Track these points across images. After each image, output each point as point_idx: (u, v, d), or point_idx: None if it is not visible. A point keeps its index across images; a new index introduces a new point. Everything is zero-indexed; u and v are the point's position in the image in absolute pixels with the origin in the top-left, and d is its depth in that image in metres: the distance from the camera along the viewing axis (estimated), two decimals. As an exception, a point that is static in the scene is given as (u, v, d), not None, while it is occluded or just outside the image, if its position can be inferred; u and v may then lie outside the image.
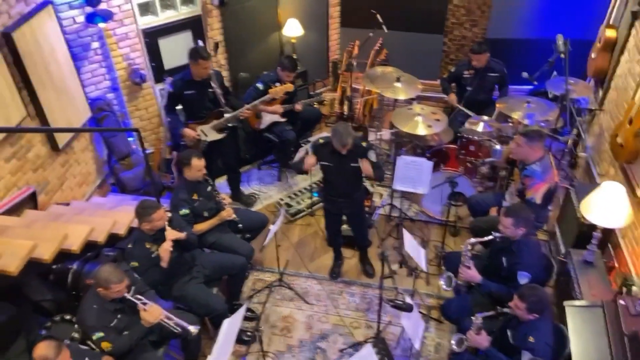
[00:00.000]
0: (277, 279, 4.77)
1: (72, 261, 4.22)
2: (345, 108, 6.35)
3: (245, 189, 5.79)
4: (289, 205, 5.51)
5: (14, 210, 4.10)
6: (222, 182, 5.63)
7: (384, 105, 6.12)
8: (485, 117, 4.94)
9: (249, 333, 4.30)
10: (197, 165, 4.18)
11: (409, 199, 5.31)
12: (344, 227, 4.81)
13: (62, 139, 4.67)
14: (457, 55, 6.29)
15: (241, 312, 3.53)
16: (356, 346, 4.21)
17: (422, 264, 3.89)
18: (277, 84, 5.16)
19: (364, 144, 4.04)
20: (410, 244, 3.89)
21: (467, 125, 4.97)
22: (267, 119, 5.48)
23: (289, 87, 5.11)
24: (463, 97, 5.44)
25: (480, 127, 4.86)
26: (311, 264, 4.98)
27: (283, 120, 5.52)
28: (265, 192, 5.83)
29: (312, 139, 5.83)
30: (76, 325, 3.93)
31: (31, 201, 4.35)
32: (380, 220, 5.34)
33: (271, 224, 4.46)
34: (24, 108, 4.18)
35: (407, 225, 5.13)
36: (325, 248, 5.11)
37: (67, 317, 3.97)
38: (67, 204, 4.72)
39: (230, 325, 3.49)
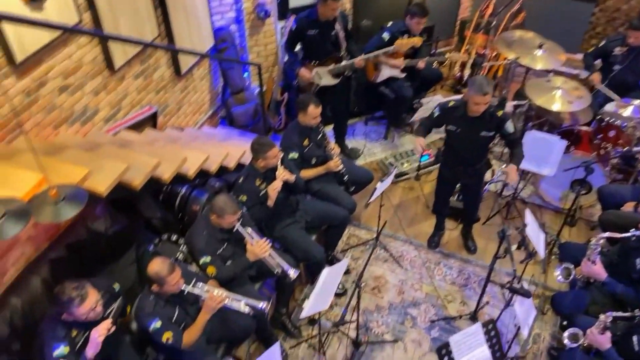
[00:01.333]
0: (373, 238, 4.66)
1: (181, 185, 4.33)
2: (467, 72, 5.93)
3: (349, 142, 5.64)
4: (392, 166, 5.31)
5: (136, 126, 4.22)
6: (327, 131, 5.51)
7: (510, 74, 5.64)
8: (637, 102, 4.39)
9: (340, 286, 4.25)
10: (313, 113, 4.06)
11: (525, 179, 4.92)
12: (451, 198, 4.57)
13: (185, 64, 4.71)
14: (605, 28, 5.63)
15: (344, 265, 3.45)
16: (449, 320, 4.05)
17: (541, 250, 3.59)
18: (405, 36, 4.87)
19: (499, 113, 3.69)
20: (532, 227, 3.58)
21: (611, 107, 4.45)
22: (386, 72, 5.23)
23: (417, 41, 4.80)
24: (607, 77, 4.86)
25: (627, 112, 4.33)
26: (409, 229, 4.80)
27: (402, 76, 5.25)
28: (369, 148, 5.65)
29: (424, 100, 5.52)
30: (182, 247, 4.06)
31: (151, 121, 4.47)
32: (488, 197, 5.02)
33: (379, 181, 4.29)
34: (157, 27, 4.22)
35: (518, 206, 4.80)
36: (426, 215, 4.90)
37: (174, 237, 4.10)
38: (181, 129, 4.81)
39: (331, 275, 3.43)
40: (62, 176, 2.54)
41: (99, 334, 2.71)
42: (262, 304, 3.15)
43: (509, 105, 5.33)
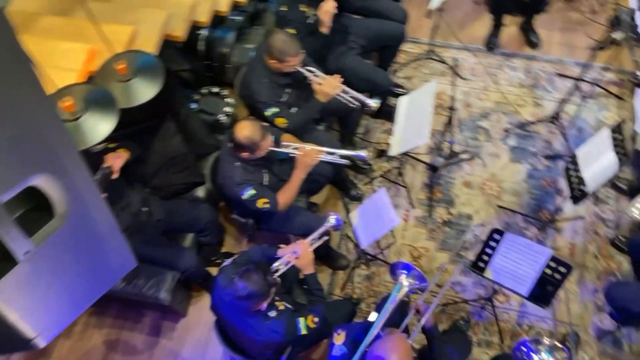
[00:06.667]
0: (424, 52, 4.14)
1: (197, 28, 3.64)
2: None
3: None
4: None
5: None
6: None
7: None
8: None
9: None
10: None
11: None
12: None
13: None
14: None
15: (433, 86, 3.01)
16: (524, 126, 3.80)
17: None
18: None
19: None
20: None
21: None
22: None
23: None
24: None
25: None
26: (462, 33, 4.25)
27: None
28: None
29: None
30: (228, 99, 3.57)
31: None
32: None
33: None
34: None
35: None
36: (477, 13, 4.31)
37: (215, 90, 3.59)
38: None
39: (416, 102, 3.02)
40: (104, 40, 1.92)
41: None
42: (363, 153, 2.81)
43: None
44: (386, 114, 3.71)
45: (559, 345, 2.15)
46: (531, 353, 2.15)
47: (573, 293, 3.22)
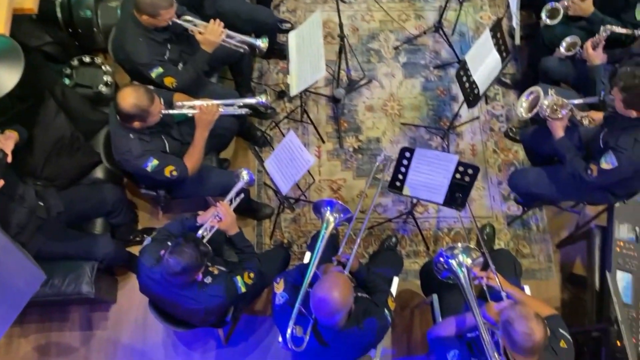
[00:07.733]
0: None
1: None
2: None
3: None
4: None
5: None
6: None
7: None
8: None
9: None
10: None
11: None
12: None
13: None
14: None
15: (317, 16, 2.92)
16: (412, 40, 3.86)
17: None
18: None
19: None
20: None
21: None
22: None
23: None
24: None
25: None
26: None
27: None
28: None
29: None
30: (104, 67, 3.26)
31: None
32: None
33: None
34: None
35: None
36: None
37: (87, 59, 3.26)
38: None
39: (306, 36, 2.94)
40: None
41: None
42: (262, 99, 2.71)
43: None
44: (277, 52, 3.60)
45: (472, 246, 2.31)
46: (449, 260, 2.29)
47: (481, 189, 3.47)
